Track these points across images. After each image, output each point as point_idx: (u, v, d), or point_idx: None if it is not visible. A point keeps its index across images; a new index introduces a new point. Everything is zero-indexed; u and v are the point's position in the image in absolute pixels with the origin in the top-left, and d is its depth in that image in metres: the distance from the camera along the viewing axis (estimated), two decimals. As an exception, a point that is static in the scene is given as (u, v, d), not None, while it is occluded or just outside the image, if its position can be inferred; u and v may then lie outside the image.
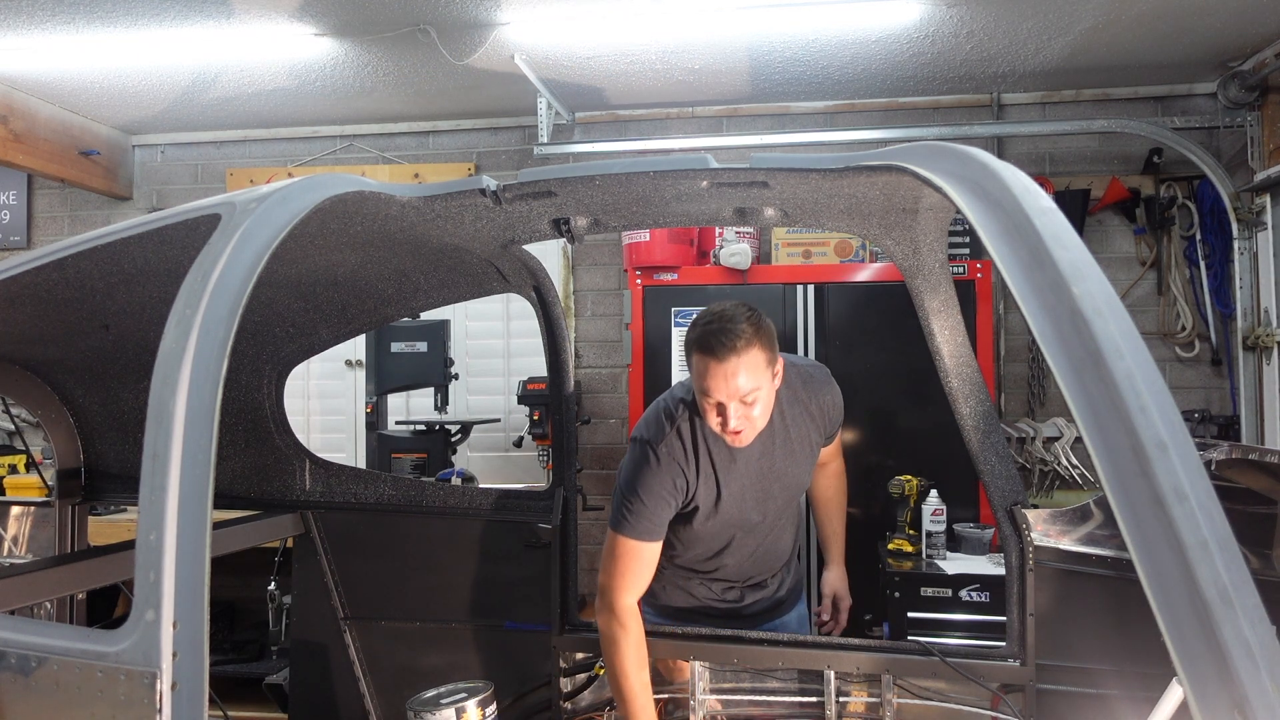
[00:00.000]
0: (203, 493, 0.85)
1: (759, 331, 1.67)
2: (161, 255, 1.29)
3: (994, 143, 3.95)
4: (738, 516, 1.86)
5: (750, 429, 1.71)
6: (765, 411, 1.72)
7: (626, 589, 1.76)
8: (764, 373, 1.68)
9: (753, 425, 1.71)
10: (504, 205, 1.43)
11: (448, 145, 4.44)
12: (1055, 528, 1.67)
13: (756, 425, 1.72)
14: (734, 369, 1.63)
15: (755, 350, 1.65)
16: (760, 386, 1.67)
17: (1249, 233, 3.62)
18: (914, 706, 1.73)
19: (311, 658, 2.24)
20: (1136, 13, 3.09)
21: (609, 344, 4.28)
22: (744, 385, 1.64)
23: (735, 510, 1.85)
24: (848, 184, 1.30)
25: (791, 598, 2.13)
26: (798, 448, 1.88)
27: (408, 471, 3.56)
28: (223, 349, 0.90)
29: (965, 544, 3.06)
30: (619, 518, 1.77)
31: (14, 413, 3.87)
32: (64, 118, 4.15)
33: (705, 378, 1.66)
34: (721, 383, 1.64)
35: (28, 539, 2.32)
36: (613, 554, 1.77)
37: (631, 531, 1.75)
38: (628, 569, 1.76)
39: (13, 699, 0.91)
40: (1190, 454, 0.68)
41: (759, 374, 1.66)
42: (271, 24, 3.15)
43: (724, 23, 3.19)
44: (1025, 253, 0.83)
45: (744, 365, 1.64)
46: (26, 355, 1.99)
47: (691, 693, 1.80)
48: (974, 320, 3.30)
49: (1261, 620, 0.63)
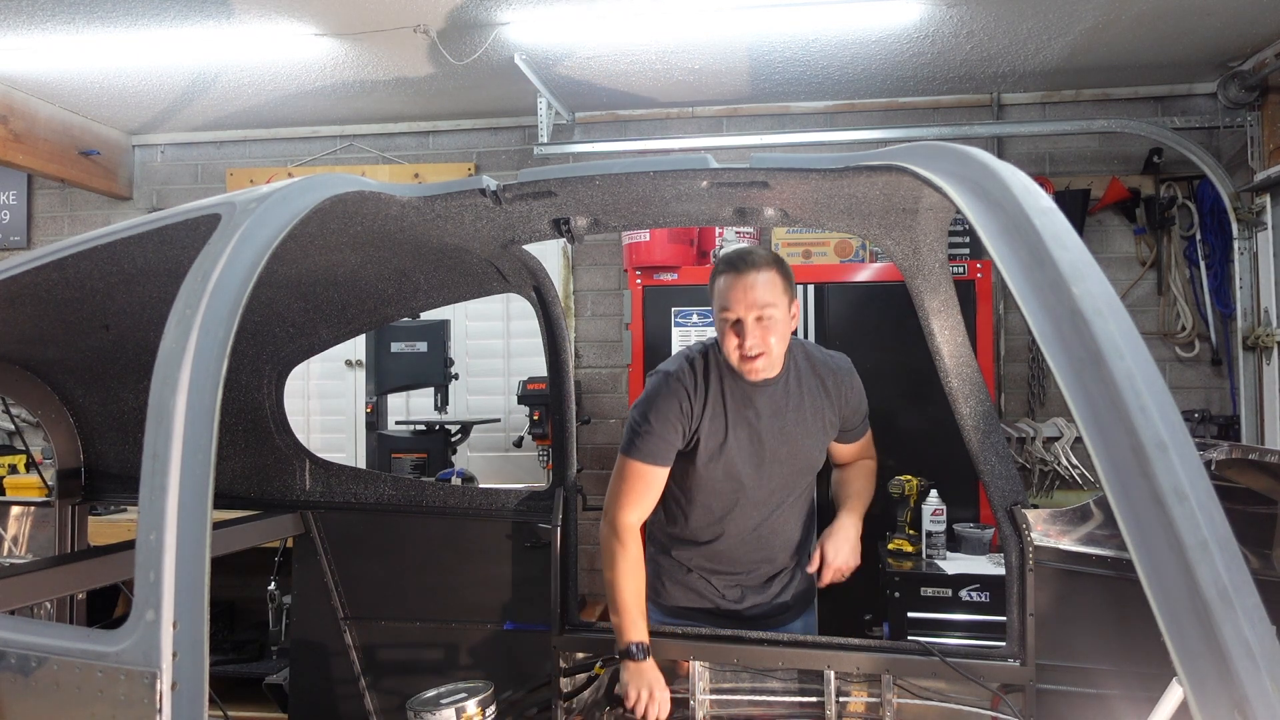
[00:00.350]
0: (203, 493, 0.85)
1: (779, 262, 1.83)
2: (161, 255, 1.29)
3: (994, 143, 3.95)
4: (741, 469, 1.90)
5: (766, 359, 1.79)
6: (780, 343, 1.81)
7: (629, 508, 1.85)
8: (781, 296, 1.79)
9: (768, 354, 1.79)
10: (504, 205, 1.43)
11: (448, 145, 4.44)
12: (1055, 528, 1.67)
13: (772, 356, 1.80)
14: (753, 281, 1.77)
15: (774, 272, 1.80)
16: (776, 305, 1.78)
17: (1249, 233, 3.61)
18: (914, 706, 1.73)
19: (311, 658, 2.24)
20: (1136, 13, 3.09)
21: (609, 344, 4.28)
22: (761, 298, 1.76)
23: (740, 461, 1.89)
24: (848, 184, 1.30)
25: (799, 605, 2.11)
26: (810, 416, 1.92)
27: (408, 471, 3.56)
28: (223, 349, 0.90)
29: (965, 544, 3.06)
30: (628, 441, 1.87)
31: (14, 413, 3.86)
32: (64, 118, 4.15)
33: (726, 294, 1.80)
34: (741, 294, 1.77)
35: (28, 539, 2.32)
36: (620, 476, 1.87)
37: (638, 454, 1.84)
38: (632, 490, 1.85)
39: (13, 699, 0.91)
40: (1190, 454, 0.68)
41: (776, 293, 1.78)
42: (271, 24, 3.15)
43: (724, 23, 3.18)
44: (1025, 253, 0.83)
45: (762, 280, 1.77)
46: (26, 355, 1.99)
47: (691, 693, 1.80)
48: (974, 320, 3.30)
49: (1261, 620, 0.63)
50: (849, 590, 2.24)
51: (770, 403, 1.89)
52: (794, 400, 1.91)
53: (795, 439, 1.92)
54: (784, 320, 1.80)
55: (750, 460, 1.89)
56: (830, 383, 1.95)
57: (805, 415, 1.92)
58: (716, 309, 1.84)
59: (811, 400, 1.93)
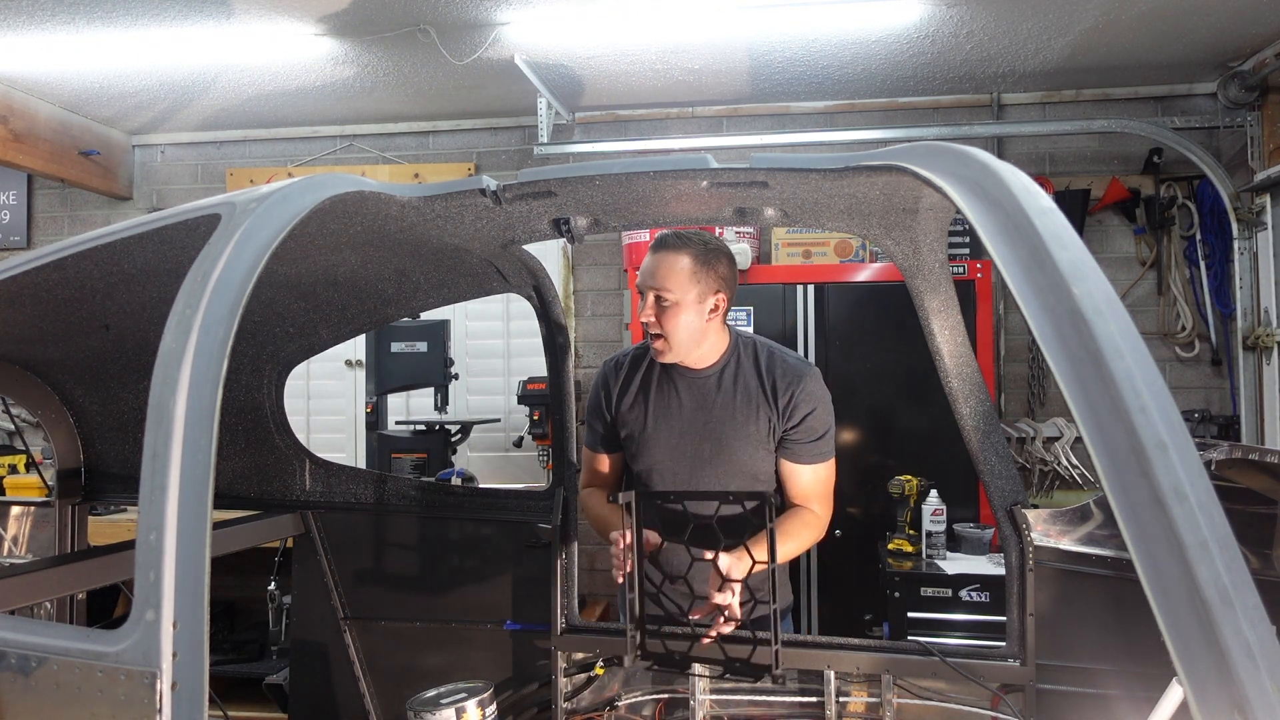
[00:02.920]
0: (203, 493, 0.85)
1: (702, 252, 1.83)
2: (161, 255, 1.29)
3: (994, 143, 3.95)
4: (665, 464, 1.92)
5: (664, 343, 1.85)
6: (682, 332, 1.83)
7: (586, 483, 2.08)
8: (684, 283, 1.81)
9: (666, 338, 1.84)
10: (504, 205, 1.42)
11: (448, 145, 4.44)
12: (1055, 528, 1.67)
13: (671, 341, 1.84)
14: (658, 261, 1.83)
15: (684, 258, 1.82)
16: (674, 292, 1.81)
17: (1249, 233, 3.62)
18: (914, 706, 1.72)
19: (311, 658, 2.24)
20: (1136, 13, 3.09)
21: (609, 344, 4.28)
22: (660, 280, 1.81)
23: (663, 454, 1.92)
24: (848, 184, 1.29)
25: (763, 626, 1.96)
26: (740, 415, 1.88)
27: (408, 471, 3.56)
28: (223, 349, 0.90)
29: (965, 544, 3.07)
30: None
31: (14, 413, 3.87)
32: (64, 118, 4.15)
33: (640, 266, 1.88)
34: (647, 268, 1.85)
35: (28, 539, 2.32)
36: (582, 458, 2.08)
37: (585, 440, 2.08)
38: (585, 470, 2.08)
39: (13, 699, 0.91)
40: (1190, 454, 0.68)
41: (679, 280, 1.81)
42: (271, 24, 3.15)
43: (724, 23, 3.18)
44: (1025, 253, 0.83)
45: (666, 262, 1.82)
46: (26, 355, 1.99)
47: (691, 693, 1.80)
48: (974, 320, 3.30)
49: (1261, 620, 0.63)
50: (849, 590, 2.24)
51: (696, 395, 1.90)
52: (724, 396, 1.88)
53: (723, 438, 1.87)
54: (687, 310, 1.81)
55: (673, 454, 1.90)
56: (772, 384, 1.87)
57: (735, 413, 1.86)
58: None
59: (744, 398, 1.87)
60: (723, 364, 1.91)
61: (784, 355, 1.94)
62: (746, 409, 1.88)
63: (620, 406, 1.97)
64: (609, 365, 2.04)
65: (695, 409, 1.90)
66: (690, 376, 1.92)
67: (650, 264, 1.84)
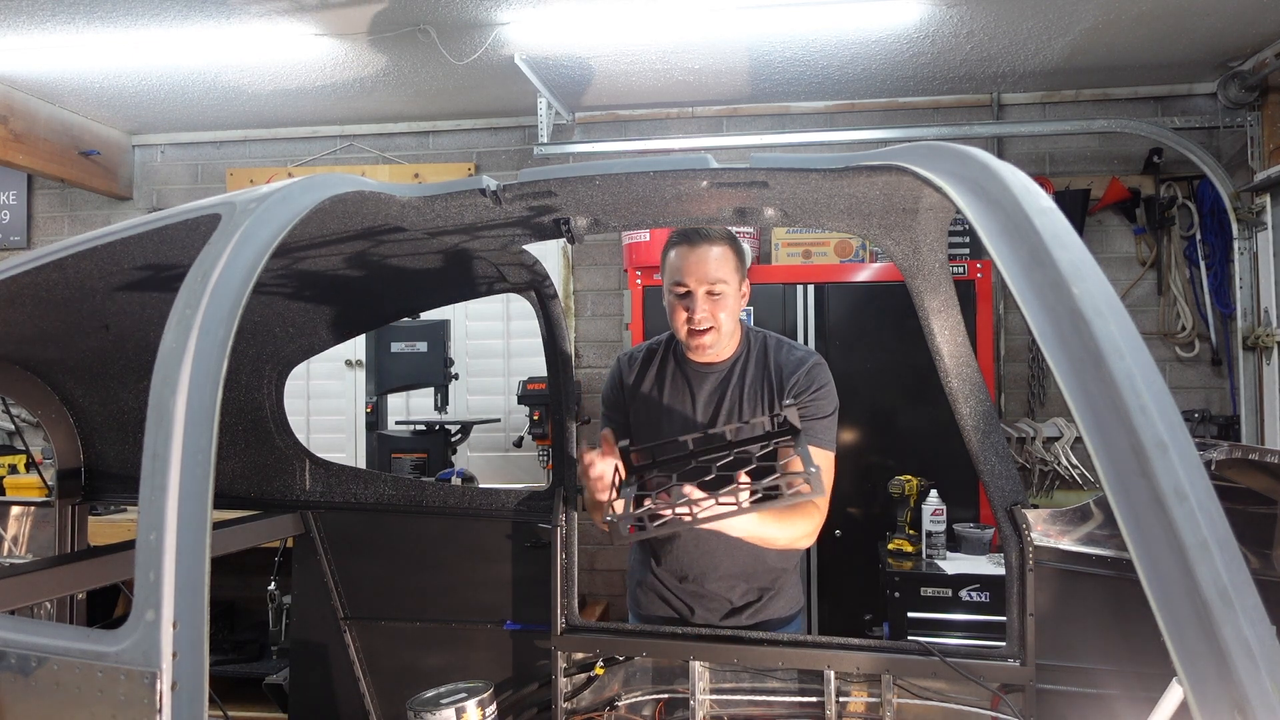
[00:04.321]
0: (203, 493, 0.85)
1: (733, 239, 1.82)
2: (161, 255, 1.29)
3: (994, 143, 3.95)
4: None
5: (715, 335, 1.80)
6: (730, 320, 1.81)
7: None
8: (732, 273, 1.79)
9: (718, 330, 1.80)
10: (504, 205, 1.42)
11: (448, 145, 4.44)
12: (1055, 528, 1.67)
13: (720, 333, 1.81)
14: (706, 254, 1.77)
15: (728, 248, 1.79)
16: (728, 282, 1.78)
17: (1249, 233, 3.62)
18: (914, 706, 1.72)
19: (311, 658, 2.23)
20: (1136, 13, 3.09)
21: (609, 344, 4.28)
22: (713, 272, 1.76)
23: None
24: (848, 184, 1.29)
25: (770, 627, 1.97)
26: (748, 406, 1.89)
27: (408, 471, 3.56)
28: (223, 349, 0.90)
29: (965, 544, 3.07)
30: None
31: (14, 413, 3.87)
32: (64, 118, 4.15)
33: (678, 265, 1.79)
34: (694, 265, 1.77)
35: (28, 539, 2.32)
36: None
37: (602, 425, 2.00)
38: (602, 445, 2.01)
39: (13, 699, 0.91)
40: (1190, 454, 0.68)
41: (728, 269, 1.78)
42: (272, 24, 3.15)
43: (724, 23, 3.19)
44: (1025, 253, 0.83)
45: (715, 254, 1.77)
46: (26, 355, 1.99)
47: (691, 693, 1.80)
48: (974, 320, 3.30)
49: (1261, 620, 0.63)
50: (849, 590, 2.24)
51: (709, 388, 1.90)
52: (735, 386, 1.90)
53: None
54: (734, 298, 1.81)
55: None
56: (779, 371, 1.89)
57: (744, 405, 1.88)
58: (668, 283, 1.84)
59: (754, 387, 1.90)
60: (737, 356, 1.93)
61: (792, 346, 1.98)
62: (753, 398, 1.91)
63: (635, 398, 1.98)
64: (623, 359, 2.04)
65: (706, 403, 1.92)
66: (705, 371, 1.93)
67: (695, 259, 1.77)
